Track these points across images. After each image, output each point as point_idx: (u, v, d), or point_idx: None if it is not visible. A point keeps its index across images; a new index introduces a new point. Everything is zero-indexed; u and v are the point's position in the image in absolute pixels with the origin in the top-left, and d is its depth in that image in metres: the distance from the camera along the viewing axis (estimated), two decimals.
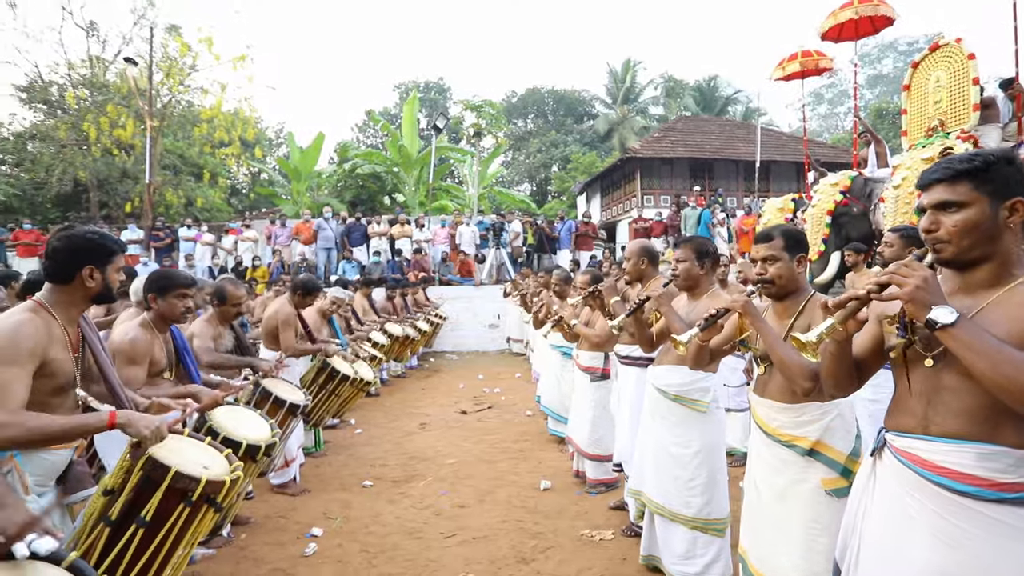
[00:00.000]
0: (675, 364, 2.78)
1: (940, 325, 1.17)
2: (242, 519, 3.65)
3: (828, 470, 1.88)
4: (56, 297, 1.92)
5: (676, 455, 2.79)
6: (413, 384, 8.82)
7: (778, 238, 2.00)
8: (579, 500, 4.00)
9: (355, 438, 5.78)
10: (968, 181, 1.26)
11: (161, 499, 1.92)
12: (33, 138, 18.53)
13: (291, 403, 3.48)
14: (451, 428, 6.13)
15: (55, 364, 1.85)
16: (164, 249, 12.96)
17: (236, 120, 16.82)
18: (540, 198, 32.21)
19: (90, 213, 17.78)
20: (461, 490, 4.26)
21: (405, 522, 3.70)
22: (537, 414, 6.33)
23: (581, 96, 37.23)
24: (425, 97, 34.55)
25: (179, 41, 16.39)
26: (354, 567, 3.11)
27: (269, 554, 3.25)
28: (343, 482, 4.46)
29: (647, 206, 18.69)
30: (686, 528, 2.74)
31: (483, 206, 20.44)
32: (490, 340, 12.42)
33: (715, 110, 31.90)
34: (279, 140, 27.86)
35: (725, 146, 20.33)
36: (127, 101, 16.25)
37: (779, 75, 10.11)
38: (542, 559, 3.15)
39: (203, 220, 15.28)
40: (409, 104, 20.13)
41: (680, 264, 2.72)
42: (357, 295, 8.24)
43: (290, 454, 4.13)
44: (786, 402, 1.93)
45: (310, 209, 14.89)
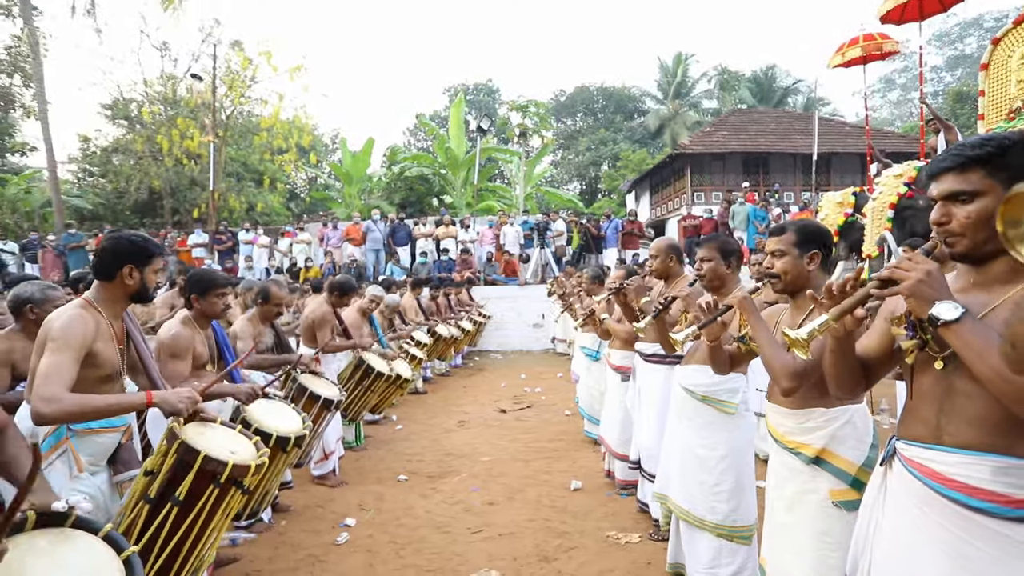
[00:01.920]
0: (703, 364, 2.71)
1: (942, 322, 1.08)
2: (283, 507, 3.86)
3: (836, 480, 1.77)
4: (101, 294, 2.11)
5: (702, 458, 2.72)
6: (456, 382, 8.96)
7: (790, 233, 1.94)
8: (608, 501, 3.96)
9: (395, 434, 5.95)
10: (980, 168, 1.15)
11: (193, 480, 2.07)
12: (116, 151, 20.09)
13: (325, 398, 3.63)
14: (489, 426, 6.20)
15: (101, 355, 2.04)
16: (226, 252, 13.75)
17: (293, 128, 17.62)
18: (589, 197, 31.93)
19: (163, 219, 19.12)
20: (492, 487, 4.31)
21: (435, 516, 3.79)
22: (575, 415, 6.30)
23: (631, 92, 36.62)
24: (474, 99, 34.97)
25: (241, 55, 17.35)
26: (382, 557, 3.22)
27: (305, 541, 3.42)
28: (379, 476, 4.61)
29: (697, 203, 18.16)
30: (711, 535, 2.66)
31: (530, 206, 20.49)
32: (534, 340, 12.44)
33: (773, 102, 30.59)
34: (334, 146, 28.93)
35: (781, 139, 19.45)
36: (194, 114, 17.36)
37: (838, 62, 9.57)
38: (564, 558, 3.15)
39: (262, 224, 16.10)
40: (456, 107, 20.44)
41: (705, 264, 2.66)
42: (406, 295, 8.48)
43: (328, 447, 4.31)
44: (792, 407, 1.85)
45: (360, 212, 15.40)
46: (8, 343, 2.68)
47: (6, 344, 2.69)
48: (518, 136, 22.50)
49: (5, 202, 17.88)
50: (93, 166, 20.79)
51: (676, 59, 32.89)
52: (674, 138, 28.36)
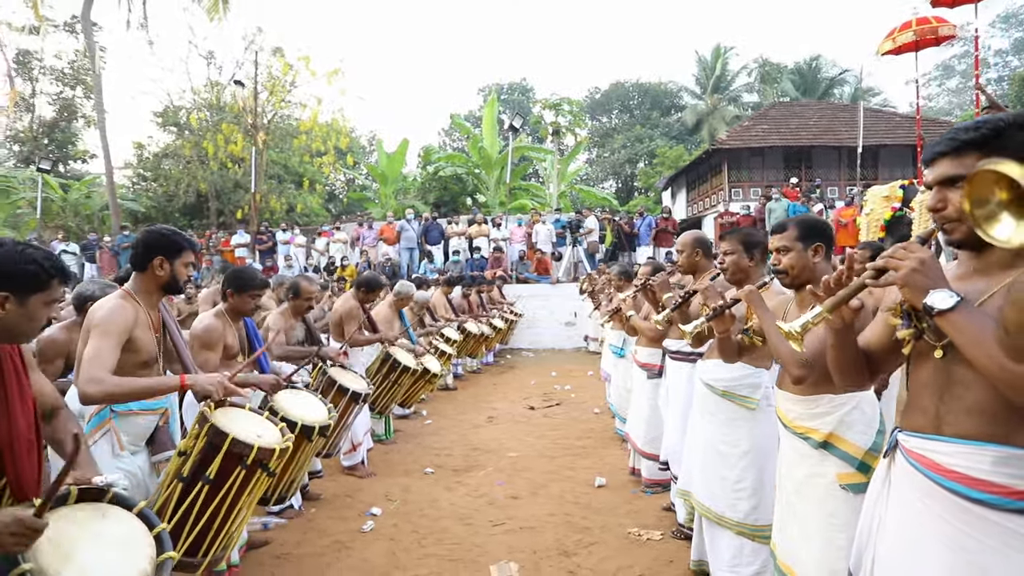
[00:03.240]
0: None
1: (937, 311, 1.06)
2: (312, 495, 3.99)
3: (843, 464, 1.79)
4: (138, 285, 2.25)
5: (724, 454, 2.68)
6: (487, 379, 9.04)
7: (792, 228, 1.98)
8: (632, 499, 3.94)
9: (424, 428, 6.05)
10: (976, 152, 1.12)
11: (221, 461, 2.19)
12: (166, 156, 21.10)
13: (353, 391, 3.73)
14: (517, 423, 6.24)
15: (140, 342, 2.18)
16: (266, 251, 14.24)
17: (331, 130, 18.11)
18: (625, 195, 31.57)
19: (209, 220, 19.95)
20: (517, 482, 4.34)
21: (458, 508, 3.84)
22: (604, 412, 6.28)
23: (667, 88, 36.01)
24: (508, 98, 35.07)
25: (281, 61, 17.94)
26: (404, 545, 3.30)
27: (332, 527, 3.53)
28: (407, 468, 4.70)
29: (735, 199, 17.70)
30: (732, 533, 2.63)
31: (564, 204, 20.42)
32: (566, 338, 12.40)
33: (817, 93, 29.51)
34: (371, 147, 29.55)
35: (825, 131, 18.75)
36: (238, 119, 18.05)
37: (888, 48, 9.17)
38: (584, 553, 3.15)
39: (302, 224, 16.60)
40: (489, 106, 20.55)
41: (727, 256, 2.62)
42: (437, 293, 8.61)
43: (356, 438, 4.43)
44: (801, 393, 1.86)
45: (395, 212, 15.69)
46: (67, 334, 2.92)
47: (65, 335, 2.92)
48: (551, 134, 22.43)
49: (68, 206, 19.02)
50: (146, 171, 21.90)
51: (715, 52, 32.16)
52: (712, 134, 27.76)
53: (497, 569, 2.96)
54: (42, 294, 1.43)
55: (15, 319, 1.39)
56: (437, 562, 3.11)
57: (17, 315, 1.39)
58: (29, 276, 1.39)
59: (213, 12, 17.07)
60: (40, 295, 1.42)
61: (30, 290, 1.40)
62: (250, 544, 3.17)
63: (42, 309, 1.44)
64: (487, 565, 3.02)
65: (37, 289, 1.41)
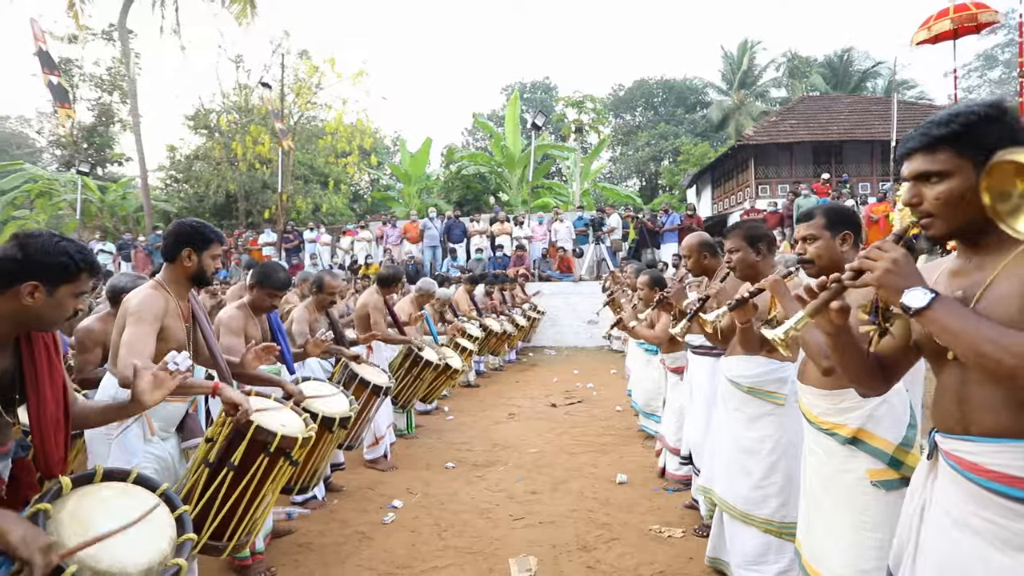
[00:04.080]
0: (748, 354, 2.62)
1: (913, 310, 1.04)
2: (335, 487, 4.05)
3: (874, 460, 1.72)
4: (168, 276, 2.31)
5: (750, 451, 2.63)
6: (509, 377, 9.04)
7: (819, 216, 1.91)
8: (654, 496, 3.89)
9: (446, 424, 6.09)
10: (948, 147, 1.11)
11: (246, 448, 2.24)
12: (197, 158, 21.66)
13: (375, 384, 3.78)
14: (538, 420, 6.23)
15: (170, 330, 2.24)
16: (293, 250, 14.51)
17: (355, 131, 18.35)
18: (649, 193, 31.24)
19: (238, 220, 20.42)
20: (537, 478, 4.33)
21: (479, 502, 3.85)
22: (626, 410, 6.22)
23: (693, 84, 35.51)
24: (531, 97, 35.03)
25: (307, 63, 18.25)
26: (424, 537, 3.32)
27: (354, 519, 3.58)
28: (428, 462, 4.73)
29: (762, 196, 17.35)
30: (759, 531, 2.57)
31: (587, 202, 20.31)
32: (588, 336, 12.32)
33: (849, 87, 28.74)
34: (395, 147, 29.85)
35: (857, 126, 18.20)
36: (265, 121, 18.43)
37: (924, 37, 8.84)
38: (603, 549, 3.13)
39: (328, 224, 16.86)
40: (511, 104, 20.56)
41: (733, 254, 2.57)
42: (460, 290, 8.66)
43: (379, 432, 4.48)
44: (826, 388, 1.80)
45: (418, 210, 15.82)
46: (103, 325, 3.03)
47: (101, 326, 3.03)
48: (574, 132, 22.32)
49: (105, 207, 19.68)
50: (178, 173, 22.53)
51: (741, 47, 31.59)
52: (739, 130, 27.22)
53: (516, 562, 2.96)
54: (71, 285, 1.47)
55: (43, 308, 1.44)
56: (456, 554, 3.12)
57: (46, 304, 1.44)
58: (60, 267, 1.44)
59: (241, 17, 17.45)
60: (69, 286, 1.47)
61: (60, 281, 1.44)
62: (275, 533, 3.24)
63: (69, 300, 1.48)
64: (506, 558, 3.02)
65: (66, 280, 1.45)
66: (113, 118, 23.76)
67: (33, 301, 1.42)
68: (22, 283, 1.41)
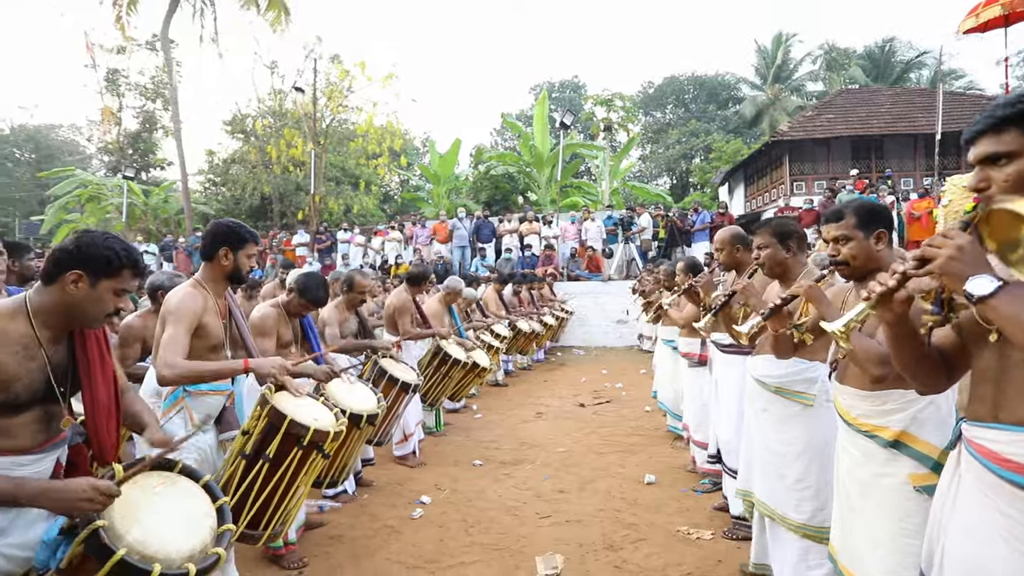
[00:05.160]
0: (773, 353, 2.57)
1: (976, 298, 1.01)
2: (366, 482, 4.14)
3: (917, 464, 1.64)
4: (206, 274, 2.41)
5: (780, 453, 2.57)
6: (537, 376, 9.05)
7: (850, 216, 1.83)
8: (683, 497, 3.84)
9: (474, 422, 6.13)
10: (1015, 127, 1.08)
11: (280, 441, 2.32)
12: (234, 162, 22.36)
13: (403, 381, 3.84)
14: (566, 419, 6.22)
15: (208, 327, 2.34)
16: (325, 250, 14.83)
17: (385, 133, 18.64)
18: (680, 191, 30.79)
19: (273, 222, 20.99)
20: (564, 477, 4.33)
21: (506, 500, 3.88)
22: (655, 411, 6.15)
23: (725, 80, 34.81)
24: (560, 96, 34.92)
25: (339, 68, 18.64)
26: (452, 533, 3.37)
27: (383, 513, 3.65)
28: (456, 459, 4.78)
29: (797, 193, 16.88)
30: (796, 535, 2.51)
31: (616, 201, 20.15)
32: (617, 336, 12.23)
33: (890, 79, 27.68)
34: (424, 149, 30.19)
35: (899, 119, 17.54)
36: (298, 124, 18.89)
37: (971, 26, 8.50)
38: (630, 549, 3.11)
39: (358, 224, 17.18)
40: (540, 104, 20.54)
41: (762, 251, 2.51)
42: (489, 290, 8.71)
43: (408, 429, 4.55)
44: (867, 389, 1.73)
45: (447, 211, 15.96)
46: (143, 320, 3.18)
47: (141, 322, 3.18)
48: (603, 131, 22.16)
49: (149, 210, 20.51)
50: (216, 176, 23.32)
51: (775, 40, 30.81)
52: (773, 125, 26.57)
53: (542, 560, 2.96)
54: (112, 280, 1.54)
55: (85, 299, 1.51)
56: (483, 550, 3.15)
57: (87, 296, 1.51)
58: (103, 260, 1.51)
59: (276, 24, 17.93)
60: (110, 281, 1.53)
61: (102, 274, 1.52)
62: (307, 525, 3.33)
63: (109, 295, 1.54)
64: (532, 556, 3.03)
65: (108, 274, 1.52)
66: (156, 124, 24.75)
67: (76, 291, 1.49)
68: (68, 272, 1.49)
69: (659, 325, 5.57)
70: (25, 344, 1.46)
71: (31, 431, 1.49)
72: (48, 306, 1.51)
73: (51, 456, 1.56)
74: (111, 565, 1.30)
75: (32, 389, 1.47)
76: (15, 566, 1.44)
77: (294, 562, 2.95)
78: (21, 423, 1.47)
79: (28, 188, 28.62)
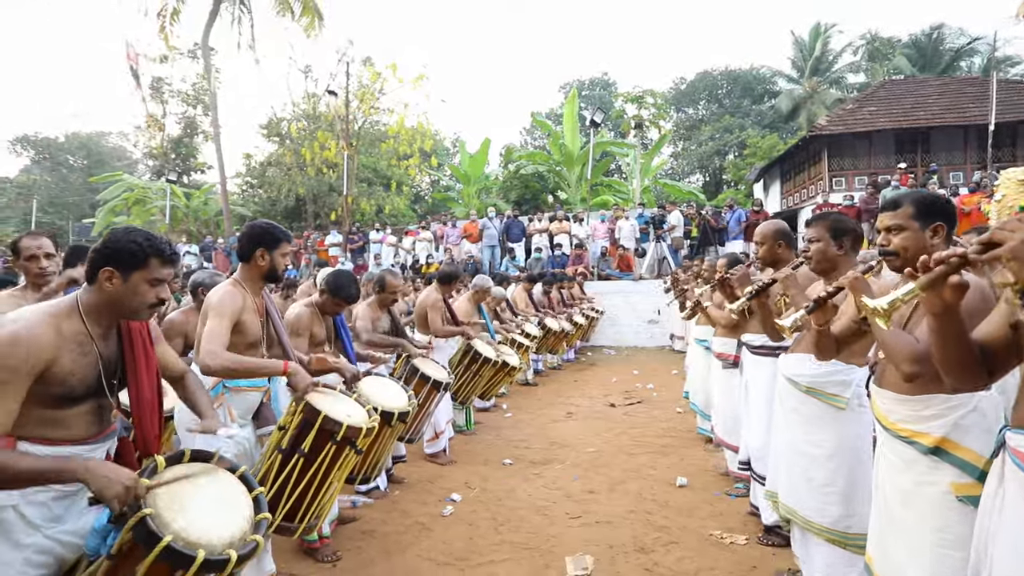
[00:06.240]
0: (809, 352, 2.49)
1: None
2: (397, 479, 4.20)
3: (960, 473, 1.55)
4: (244, 274, 2.49)
5: (808, 455, 2.49)
6: (567, 376, 9.01)
7: (907, 205, 1.73)
8: (716, 501, 3.77)
9: (504, 421, 6.15)
10: None
11: (315, 436, 2.38)
12: (270, 164, 22.98)
13: (435, 379, 3.89)
14: (596, 419, 6.18)
15: (246, 324, 2.41)
16: (357, 251, 15.09)
17: (416, 134, 18.86)
18: (713, 189, 30.16)
19: (307, 222, 21.49)
20: (594, 477, 4.30)
21: (535, 499, 3.88)
22: (687, 412, 6.05)
23: (760, 73, 33.93)
24: (589, 94, 34.66)
25: (370, 70, 18.94)
26: (481, 531, 3.38)
27: (414, 510, 3.70)
28: (486, 458, 4.81)
29: (836, 189, 16.34)
30: (821, 539, 2.44)
31: (647, 199, 19.88)
32: (648, 336, 12.08)
33: (938, 68, 26.50)
34: (454, 149, 30.41)
35: (947, 109, 16.75)
36: (331, 127, 19.28)
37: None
38: (662, 552, 3.07)
39: (389, 224, 17.44)
40: (569, 102, 20.43)
41: (813, 244, 2.42)
42: (518, 289, 8.71)
43: (439, 427, 4.59)
44: (907, 393, 1.65)
45: (477, 210, 16.04)
46: (184, 317, 3.32)
47: (183, 318, 3.32)
48: (633, 128, 21.90)
49: (190, 212, 21.26)
50: (253, 178, 24.01)
51: (813, 32, 29.86)
52: (811, 119, 25.76)
53: (572, 561, 2.95)
54: (142, 271, 1.60)
55: (122, 294, 1.59)
56: (512, 549, 3.16)
57: (123, 290, 1.59)
58: (129, 253, 1.58)
59: (310, 29, 18.34)
60: (141, 272, 1.60)
61: (131, 267, 1.59)
62: (340, 519, 3.40)
63: (144, 286, 1.61)
64: (562, 556, 3.03)
65: (136, 266, 1.59)
66: (196, 129, 25.64)
67: (112, 287, 1.58)
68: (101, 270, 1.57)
69: (692, 324, 5.48)
70: (80, 341, 1.55)
71: (85, 422, 1.58)
72: (94, 304, 1.59)
73: (103, 447, 1.65)
74: (158, 551, 1.36)
75: (86, 383, 1.55)
76: (69, 552, 1.53)
77: (328, 555, 3.02)
78: (76, 415, 1.55)
79: (80, 192, 30.06)
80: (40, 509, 1.49)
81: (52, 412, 1.51)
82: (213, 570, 1.43)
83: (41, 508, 1.49)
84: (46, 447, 1.49)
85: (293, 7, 18.39)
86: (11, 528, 1.44)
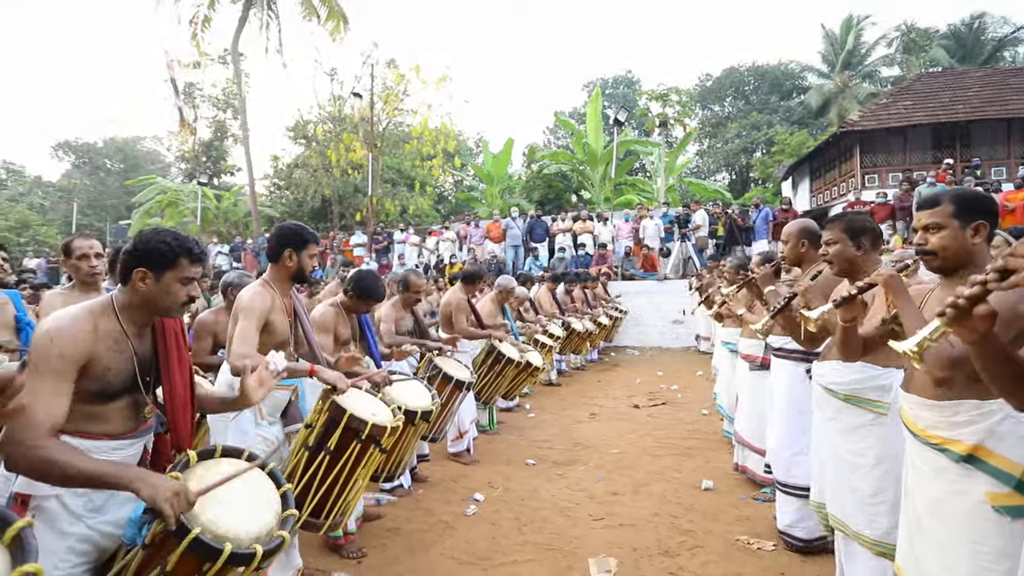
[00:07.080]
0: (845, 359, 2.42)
1: None
2: (421, 477, 4.23)
3: (995, 482, 1.48)
4: (273, 275, 2.54)
5: (853, 465, 2.41)
6: (591, 376, 8.97)
7: (947, 203, 1.65)
8: (742, 505, 3.70)
9: (527, 421, 6.15)
10: None
11: (340, 434, 2.42)
12: (297, 166, 23.40)
13: (457, 379, 3.90)
14: (620, 420, 6.13)
15: (275, 324, 2.47)
16: (382, 251, 15.26)
17: (440, 135, 18.99)
18: (740, 187, 29.66)
19: (333, 223, 21.81)
20: (618, 479, 4.27)
21: (558, 500, 3.86)
22: (712, 414, 5.96)
23: (788, 69, 33.20)
24: (614, 92, 34.41)
25: (394, 72, 19.15)
26: (504, 531, 3.39)
27: (438, 509, 3.72)
28: (509, 458, 4.81)
29: (869, 187, 15.87)
30: (870, 552, 2.36)
31: (672, 198, 19.65)
32: (673, 337, 11.93)
33: (980, 59, 25.52)
34: (477, 149, 30.51)
35: (989, 102, 16.07)
36: (356, 129, 19.54)
37: None
38: (687, 555, 3.03)
39: (413, 225, 17.60)
40: (593, 101, 20.30)
41: (830, 247, 2.35)
42: (542, 289, 8.70)
43: (462, 426, 4.61)
44: (936, 399, 1.58)
45: (500, 210, 16.07)
46: (215, 316, 3.40)
47: (213, 317, 3.40)
48: (657, 126, 21.66)
49: (220, 214, 21.80)
50: (280, 180, 24.48)
51: (845, 24, 29.07)
52: (841, 115, 25.07)
53: (595, 563, 2.93)
54: (173, 271, 1.65)
55: (155, 293, 1.64)
56: (535, 549, 3.15)
57: (156, 290, 1.64)
58: (159, 253, 1.63)
59: (335, 32, 18.63)
60: (172, 272, 1.65)
61: (162, 266, 1.64)
62: (365, 516, 3.44)
63: (176, 285, 1.66)
64: (585, 558, 3.01)
65: (167, 266, 1.64)
66: (226, 133, 26.28)
67: (145, 287, 1.63)
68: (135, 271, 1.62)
69: (718, 326, 5.39)
70: (115, 338, 1.61)
71: (122, 417, 1.64)
72: (128, 303, 1.65)
73: (140, 442, 1.71)
74: (187, 542, 1.40)
75: (121, 379, 1.60)
76: (109, 542, 1.59)
77: (353, 552, 3.06)
78: (114, 410, 1.61)
79: (117, 195, 31.13)
80: (82, 499, 1.54)
81: (91, 407, 1.56)
82: (240, 564, 1.46)
83: (83, 499, 1.54)
84: (87, 440, 1.55)
85: (319, 11, 18.71)
86: (55, 517, 1.50)
